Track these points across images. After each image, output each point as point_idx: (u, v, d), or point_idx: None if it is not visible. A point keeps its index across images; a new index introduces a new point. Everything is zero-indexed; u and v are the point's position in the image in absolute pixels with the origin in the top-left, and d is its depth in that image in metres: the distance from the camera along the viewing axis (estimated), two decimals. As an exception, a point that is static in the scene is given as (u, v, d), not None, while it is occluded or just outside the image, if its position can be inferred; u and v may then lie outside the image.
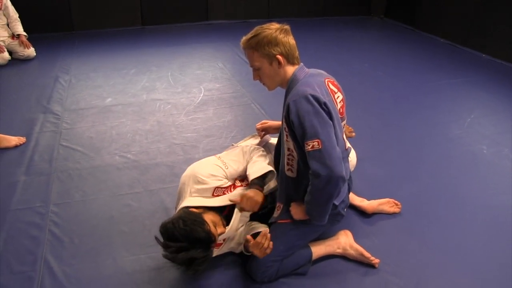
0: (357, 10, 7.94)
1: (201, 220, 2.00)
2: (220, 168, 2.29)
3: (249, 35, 2.09)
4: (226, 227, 2.16)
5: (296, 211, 2.14)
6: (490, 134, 3.69)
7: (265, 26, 2.08)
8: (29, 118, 3.90)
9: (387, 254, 2.35)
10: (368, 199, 2.70)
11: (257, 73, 2.13)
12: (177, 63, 5.34)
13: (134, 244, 2.43)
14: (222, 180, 2.27)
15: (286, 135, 2.06)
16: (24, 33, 5.50)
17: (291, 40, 2.08)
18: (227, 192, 2.27)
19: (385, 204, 2.68)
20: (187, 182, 2.25)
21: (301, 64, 2.13)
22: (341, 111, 2.12)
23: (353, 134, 2.70)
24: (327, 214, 2.07)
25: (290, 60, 2.09)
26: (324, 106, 1.94)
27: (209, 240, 1.99)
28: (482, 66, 5.45)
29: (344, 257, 2.34)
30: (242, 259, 2.29)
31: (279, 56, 2.05)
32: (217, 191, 2.24)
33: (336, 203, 2.12)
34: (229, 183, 2.31)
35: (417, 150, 3.46)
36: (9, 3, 5.40)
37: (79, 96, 4.40)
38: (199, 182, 2.22)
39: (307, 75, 2.08)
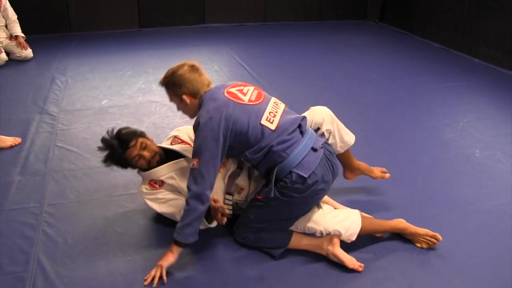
0: (352, 14, 7.97)
1: (130, 137, 2.49)
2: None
3: (162, 76, 2.39)
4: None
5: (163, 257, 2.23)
6: (484, 137, 3.72)
7: (175, 67, 2.37)
8: (25, 119, 3.91)
9: (380, 256, 2.37)
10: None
11: (177, 107, 2.44)
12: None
13: (128, 245, 2.44)
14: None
15: None
16: (22, 35, 5.52)
17: (197, 76, 2.33)
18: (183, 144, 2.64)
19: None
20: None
21: (209, 89, 2.35)
22: (253, 98, 2.32)
23: (387, 175, 2.87)
24: (191, 229, 2.19)
25: (196, 96, 2.34)
26: (216, 128, 2.16)
27: (122, 143, 2.45)
28: (475, 70, 5.49)
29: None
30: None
31: (184, 96, 2.32)
32: (175, 140, 2.68)
33: (305, 175, 2.20)
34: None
35: (411, 152, 3.49)
36: (8, 5, 5.43)
37: (75, 97, 4.42)
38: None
39: (208, 99, 2.28)
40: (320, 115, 2.56)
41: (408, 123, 3.99)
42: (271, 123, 2.26)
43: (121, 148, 2.45)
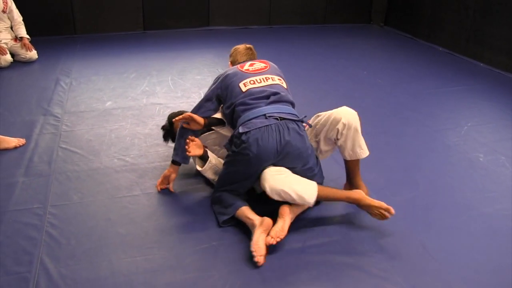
0: (357, 18, 7.99)
1: (175, 114, 3.14)
2: None
3: None
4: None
5: None
6: (487, 142, 3.71)
7: (240, 44, 3.17)
8: (30, 120, 3.93)
9: (382, 260, 2.37)
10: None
11: None
12: (178, 68, 5.38)
13: (130, 246, 2.45)
14: None
15: None
16: (27, 36, 5.56)
17: (243, 54, 3.07)
18: None
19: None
20: None
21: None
22: (252, 69, 2.79)
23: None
24: (176, 149, 2.87)
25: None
26: (219, 77, 2.84)
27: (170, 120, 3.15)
28: (480, 74, 5.48)
29: (338, 258, 2.35)
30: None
31: (229, 62, 3.14)
32: None
33: (241, 131, 2.48)
34: None
35: (415, 157, 3.48)
36: (13, 7, 5.47)
37: (80, 99, 4.43)
38: None
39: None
40: (340, 114, 2.66)
41: (411, 127, 3.99)
42: (245, 86, 2.65)
43: (169, 124, 3.19)
